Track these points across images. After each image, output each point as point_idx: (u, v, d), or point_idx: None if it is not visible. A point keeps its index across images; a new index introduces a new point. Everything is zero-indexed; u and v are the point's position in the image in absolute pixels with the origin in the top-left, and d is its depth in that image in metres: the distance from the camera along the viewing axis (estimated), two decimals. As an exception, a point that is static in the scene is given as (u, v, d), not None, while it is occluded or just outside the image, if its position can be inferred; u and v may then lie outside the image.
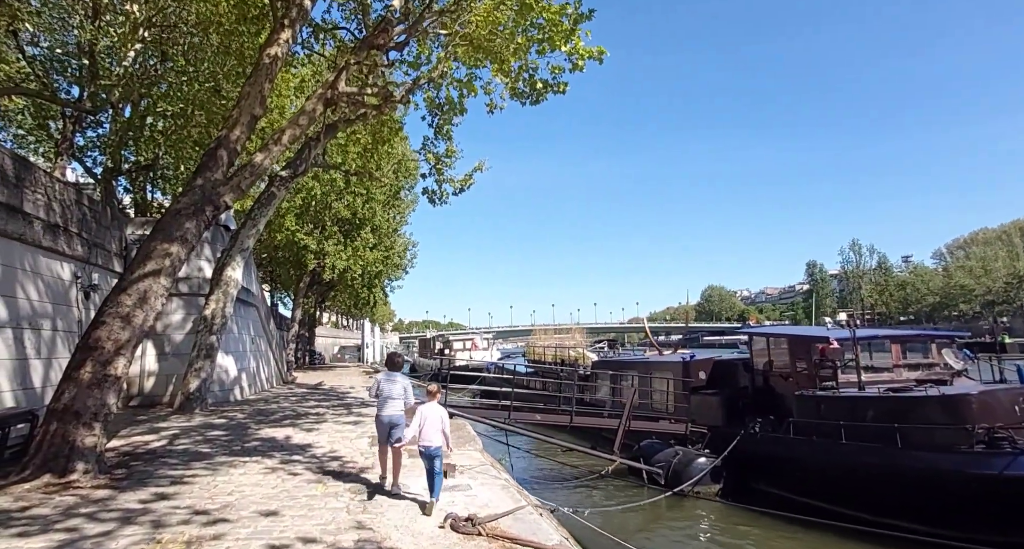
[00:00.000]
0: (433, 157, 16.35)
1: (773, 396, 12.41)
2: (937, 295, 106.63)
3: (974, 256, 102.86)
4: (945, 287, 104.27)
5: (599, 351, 27.91)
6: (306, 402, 15.54)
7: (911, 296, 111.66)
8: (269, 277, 42.30)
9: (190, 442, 9.09)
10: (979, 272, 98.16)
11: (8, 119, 21.11)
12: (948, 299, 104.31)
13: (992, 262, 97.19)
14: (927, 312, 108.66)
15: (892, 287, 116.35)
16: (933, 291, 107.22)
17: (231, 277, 13.32)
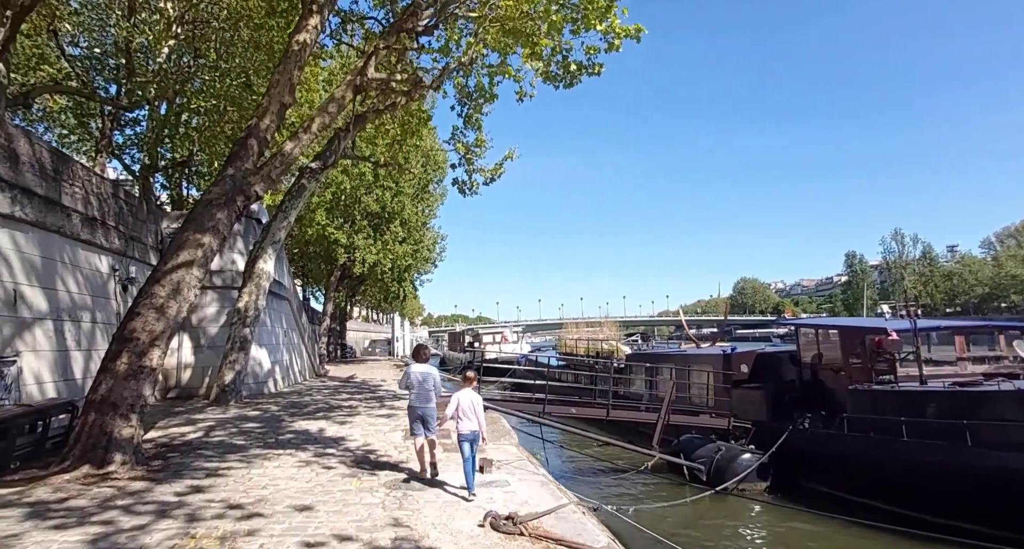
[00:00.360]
0: (463, 147, 16.09)
1: (823, 390, 11.81)
2: (986, 285, 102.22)
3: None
4: (995, 277, 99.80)
5: (632, 344, 27.38)
6: (339, 395, 15.54)
7: (958, 287, 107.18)
8: (301, 272, 42.89)
9: (225, 434, 9.06)
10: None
11: (52, 119, 21.76)
12: (998, 290, 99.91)
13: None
14: (975, 303, 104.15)
15: (938, 278, 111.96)
16: (982, 281, 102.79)
17: (263, 269, 13.33)
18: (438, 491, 6.21)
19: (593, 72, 10.61)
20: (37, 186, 8.56)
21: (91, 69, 19.12)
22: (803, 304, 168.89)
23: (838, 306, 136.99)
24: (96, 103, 18.48)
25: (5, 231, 7.97)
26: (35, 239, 8.58)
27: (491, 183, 16.68)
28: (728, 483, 10.60)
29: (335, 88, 9.42)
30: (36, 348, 8.48)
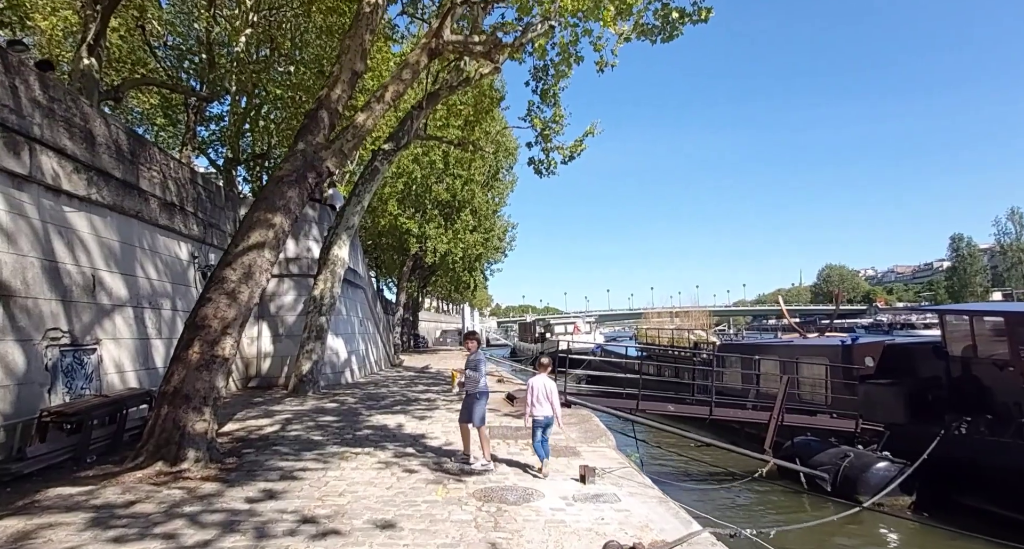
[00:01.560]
0: (540, 122, 14.98)
1: (980, 389, 9.84)
2: None
3: None
4: None
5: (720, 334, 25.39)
6: (415, 386, 15.02)
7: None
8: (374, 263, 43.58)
9: (302, 428, 8.56)
10: None
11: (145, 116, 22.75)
12: None
13: None
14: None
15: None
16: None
17: (338, 256, 12.90)
18: (537, 505, 5.25)
19: (699, 19, 9.17)
20: (114, 168, 8.32)
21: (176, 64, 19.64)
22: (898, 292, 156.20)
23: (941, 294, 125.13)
24: (180, 95, 18.90)
25: (83, 214, 7.74)
26: (113, 223, 8.36)
27: (569, 162, 15.52)
28: (877, 497, 8.99)
29: (410, 53, 8.59)
30: (116, 336, 8.28)
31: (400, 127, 14.17)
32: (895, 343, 12.22)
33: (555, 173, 15.80)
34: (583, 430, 8.84)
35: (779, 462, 10.26)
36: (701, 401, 11.52)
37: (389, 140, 13.95)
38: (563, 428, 9.01)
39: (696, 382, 12.31)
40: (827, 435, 11.37)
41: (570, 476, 6.31)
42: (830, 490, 9.98)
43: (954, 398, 10.15)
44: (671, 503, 5.72)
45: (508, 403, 11.45)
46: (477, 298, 77.21)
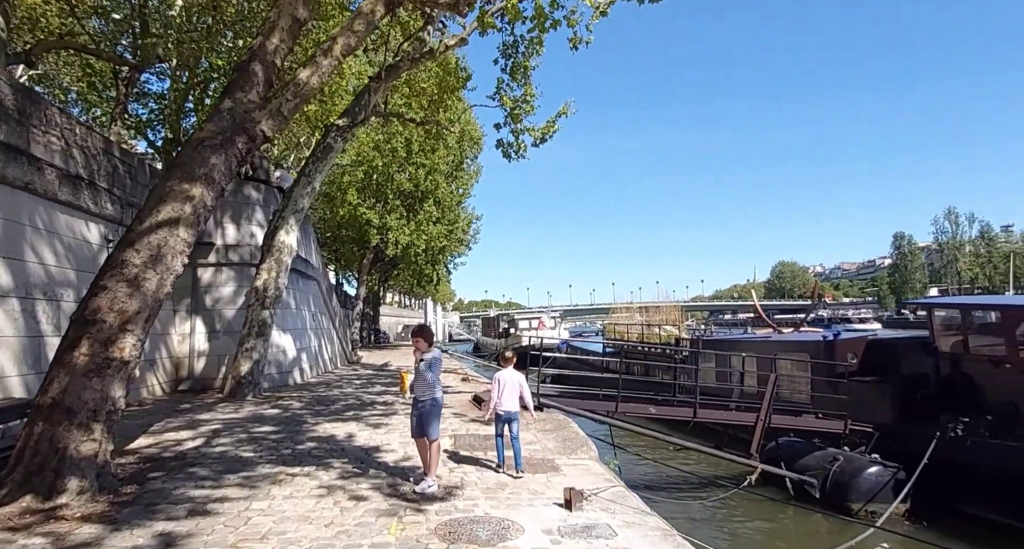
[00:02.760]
0: (509, 101, 13.88)
1: (973, 387, 9.34)
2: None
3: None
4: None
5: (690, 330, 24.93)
6: (372, 386, 13.74)
7: (1020, 269, 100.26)
8: (333, 255, 41.82)
9: (231, 442, 7.23)
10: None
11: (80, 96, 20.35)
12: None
13: None
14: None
15: (997, 258, 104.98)
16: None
17: (284, 243, 11.49)
18: (515, 545, 4.19)
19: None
20: (-8, 129, 6.76)
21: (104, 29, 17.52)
22: (844, 288, 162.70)
23: (884, 289, 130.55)
24: (106, 62, 16.87)
25: (-56, 183, 6.20)
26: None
27: (541, 144, 14.47)
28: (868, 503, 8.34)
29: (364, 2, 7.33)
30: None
31: (356, 102, 12.81)
32: (878, 338, 11.71)
33: (525, 157, 14.74)
34: (561, 438, 7.83)
35: (767, 468, 9.53)
36: (683, 402, 10.70)
37: (344, 115, 12.58)
38: (538, 437, 8.02)
39: (678, 382, 11.50)
40: (810, 435, 10.76)
41: (552, 500, 5.28)
42: (819, 496, 9.33)
43: (945, 397, 9.64)
44: (677, 537, 4.75)
45: (475, 406, 10.36)
46: (440, 292, 75.60)
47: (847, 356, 11.66)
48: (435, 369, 5.52)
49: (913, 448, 9.20)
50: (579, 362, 21.91)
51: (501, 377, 6.10)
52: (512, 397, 6.02)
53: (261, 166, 13.62)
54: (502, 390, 6.00)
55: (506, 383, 6.03)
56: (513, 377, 6.09)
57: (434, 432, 5.50)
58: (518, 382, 6.08)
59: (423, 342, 5.56)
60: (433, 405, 5.52)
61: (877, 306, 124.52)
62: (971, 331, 9.45)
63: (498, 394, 6.03)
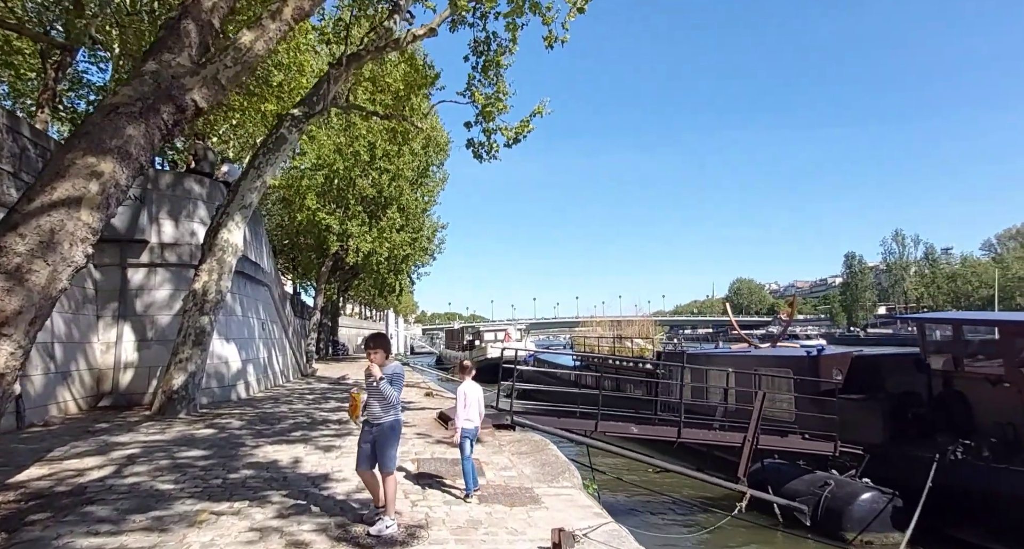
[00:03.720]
0: (481, 97, 13.09)
1: (966, 406, 8.92)
2: (991, 287, 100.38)
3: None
4: (1002, 279, 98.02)
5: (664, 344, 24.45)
6: (326, 402, 12.52)
7: (961, 289, 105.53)
8: (291, 264, 40.14)
9: (147, 471, 6.03)
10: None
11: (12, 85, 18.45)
12: (1004, 291, 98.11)
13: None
14: (979, 305, 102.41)
15: (940, 279, 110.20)
16: (987, 283, 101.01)
17: (228, 241, 10.28)
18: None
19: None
20: None
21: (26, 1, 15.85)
22: (798, 305, 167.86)
23: (836, 307, 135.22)
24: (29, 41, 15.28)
25: None
26: None
27: (514, 144, 13.71)
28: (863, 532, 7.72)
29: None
30: None
31: (315, 91, 11.77)
32: (864, 355, 11.29)
33: (497, 158, 13.96)
34: (539, 463, 6.92)
35: (756, 494, 8.84)
36: (665, 420, 9.95)
37: (300, 105, 11.52)
38: (514, 461, 7.09)
39: (659, 399, 10.78)
40: (796, 457, 10.18)
41: (536, 542, 4.38)
42: (809, 523, 8.69)
43: (938, 417, 9.20)
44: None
45: (442, 424, 9.34)
46: (402, 304, 73.81)
47: (832, 372, 11.20)
48: (397, 385, 4.60)
49: (906, 472, 8.70)
50: (548, 376, 21.08)
51: (466, 390, 5.65)
52: (477, 411, 5.66)
53: (206, 158, 12.37)
54: (468, 404, 5.59)
55: (470, 396, 5.62)
56: (476, 390, 5.69)
57: (391, 462, 4.54)
58: (480, 395, 5.72)
59: (380, 354, 4.58)
60: (392, 428, 4.59)
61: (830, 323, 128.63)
62: (965, 348, 9.06)
63: (464, 408, 5.58)
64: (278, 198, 31.18)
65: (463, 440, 5.56)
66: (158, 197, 11.44)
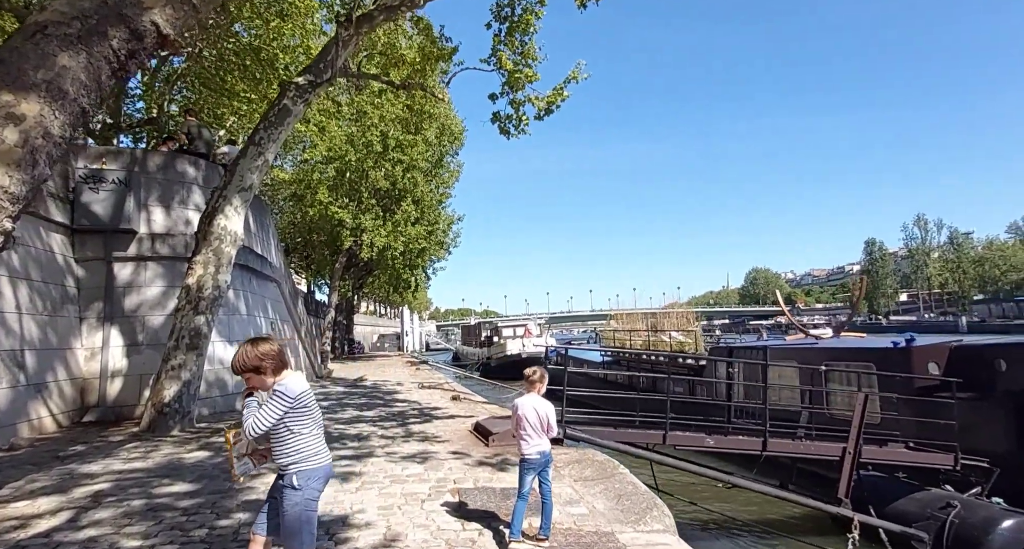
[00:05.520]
0: (509, 63, 11.56)
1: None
2: (1020, 271, 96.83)
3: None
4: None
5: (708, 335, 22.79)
6: (343, 411, 11.14)
7: (988, 273, 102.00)
8: (305, 262, 39.15)
9: (113, 518, 4.63)
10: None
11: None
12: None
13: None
14: (1008, 290, 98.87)
15: (966, 263, 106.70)
16: (1016, 267, 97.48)
17: (226, 229, 8.89)
18: None
19: None
20: None
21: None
22: (815, 293, 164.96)
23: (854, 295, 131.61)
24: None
25: None
26: None
27: (546, 116, 12.18)
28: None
29: None
30: None
31: (321, 57, 10.34)
32: (966, 345, 9.62)
33: (526, 132, 12.43)
34: (613, 494, 5.42)
35: (865, 519, 7.26)
36: (740, 429, 8.41)
37: (305, 72, 10.09)
38: (579, 490, 5.61)
39: (733, 403, 9.21)
40: (893, 470, 8.59)
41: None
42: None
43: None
44: None
45: (479, 439, 7.87)
46: (417, 300, 72.73)
47: (927, 367, 9.58)
48: (302, 416, 2.79)
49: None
50: (579, 375, 19.57)
51: (522, 406, 4.30)
52: (538, 435, 4.26)
53: (200, 136, 10.97)
54: (524, 425, 4.25)
55: (529, 415, 4.25)
56: (538, 407, 4.29)
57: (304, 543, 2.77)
58: (547, 413, 4.29)
59: (255, 377, 2.76)
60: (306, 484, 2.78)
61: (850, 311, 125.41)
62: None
63: (520, 432, 4.29)
64: (290, 194, 30.16)
65: (525, 473, 4.25)
66: (147, 181, 10.08)
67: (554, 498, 4.45)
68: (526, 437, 4.26)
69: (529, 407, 4.28)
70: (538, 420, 4.25)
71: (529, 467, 4.23)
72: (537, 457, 4.23)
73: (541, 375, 4.40)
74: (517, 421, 4.32)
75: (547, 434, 4.29)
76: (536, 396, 4.36)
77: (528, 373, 4.42)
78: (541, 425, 4.25)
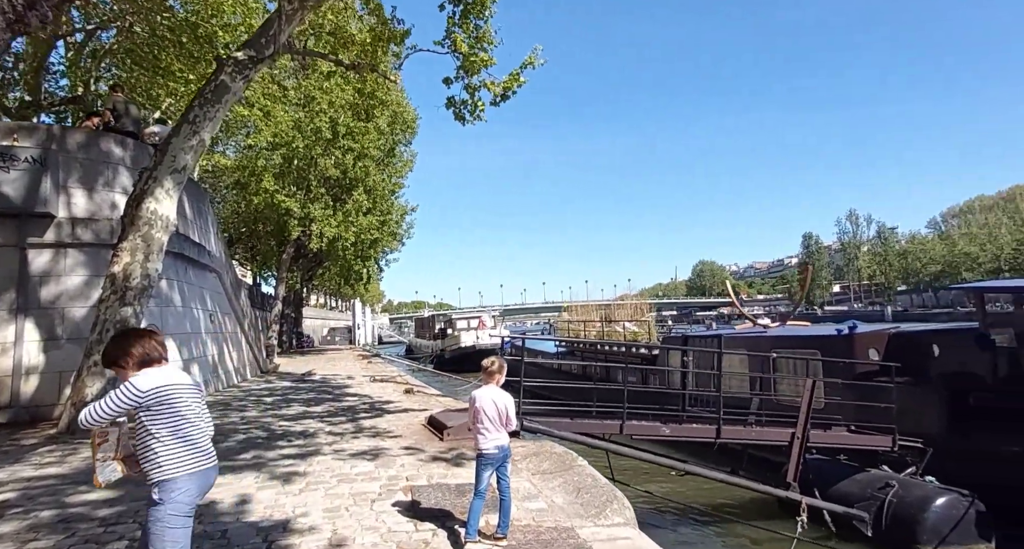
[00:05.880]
0: (464, 45, 11.20)
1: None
2: (939, 264, 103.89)
3: (975, 223, 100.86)
4: (948, 255, 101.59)
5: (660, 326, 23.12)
6: (288, 406, 10.62)
7: (911, 266, 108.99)
8: (250, 253, 37.57)
9: (16, 532, 4.10)
10: (984, 239, 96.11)
11: None
12: (951, 267, 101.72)
13: (996, 228, 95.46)
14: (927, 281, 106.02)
15: (892, 256, 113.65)
16: (935, 260, 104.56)
17: (156, 213, 8.20)
18: None
19: None
20: None
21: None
22: (757, 285, 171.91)
23: (794, 286, 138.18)
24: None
25: None
26: None
27: (501, 102, 11.91)
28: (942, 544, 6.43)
29: None
30: None
31: (263, 31, 9.67)
32: (903, 332, 10.05)
33: (482, 118, 12.10)
34: (572, 487, 5.28)
35: (814, 502, 7.45)
36: (695, 417, 8.48)
37: (245, 46, 9.43)
38: (536, 484, 5.44)
39: (687, 391, 9.28)
40: (834, 452, 8.88)
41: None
42: (871, 534, 7.37)
43: (1005, 403, 7.98)
44: None
45: (434, 433, 7.59)
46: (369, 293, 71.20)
47: (868, 353, 9.95)
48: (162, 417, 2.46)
49: (983, 468, 7.49)
50: (534, 366, 19.53)
51: (480, 398, 4.06)
52: (496, 428, 4.03)
53: (128, 113, 10.11)
54: (482, 418, 4.01)
55: (487, 407, 4.02)
56: (496, 399, 4.05)
57: None
58: (506, 405, 4.06)
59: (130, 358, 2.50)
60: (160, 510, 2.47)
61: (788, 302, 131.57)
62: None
63: (477, 425, 4.03)
64: (233, 182, 28.76)
65: (483, 469, 4.03)
66: (66, 161, 9.19)
67: (512, 493, 4.25)
68: (483, 431, 4.05)
69: (487, 399, 4.06)
70: (497, 413, 4.03)
71: (487, 463, 4.03)
72: (495, 452, 4.02)
73: (500, 366, 4.17)
74: (474, 414, 4.09)
75: (506, 427, 4.09)
76: (495, 388, 4.15)
77: (486, 364, 4.19)
78: (500, 418, 4.04)
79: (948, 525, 6.93)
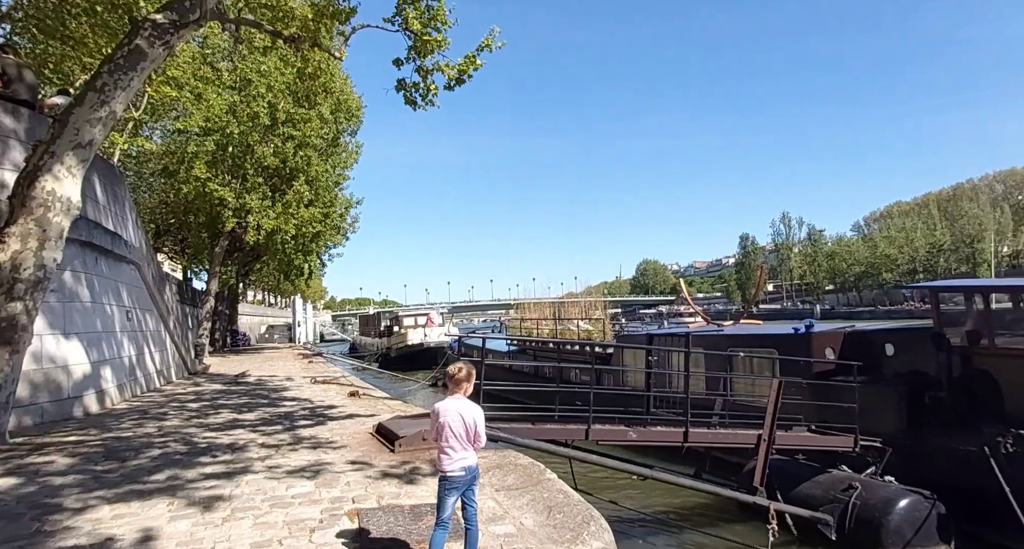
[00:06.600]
0: (417, 23, 10.41)
1: (996, 389, 7.82)
2: (862, 265, 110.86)
3: (894, 227, 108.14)
4: (870, 257, 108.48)
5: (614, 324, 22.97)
6: (216, 413, 9.54)
7: (838, 266, 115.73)
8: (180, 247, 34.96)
9: None
10: (901, 242, 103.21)
11: None
12: (872, 268, 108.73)
13: (912, 232, 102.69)
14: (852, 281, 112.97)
15: (821, 257, 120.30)
16: (859, 261, 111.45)
17: (55, 194, 7.02)
18: None
19: None
20: None
21: None
22: (696, 284, 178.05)
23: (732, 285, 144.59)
24: None
25: None
26: None
27: (456, 86, 11.17)
28: None
29: None
30: None
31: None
32: (859, 331, 10.11)
33: (434, 103, 11.30)
34: (543, 506, 4.71)
35: (782, 507, 7.23)
36: (658, 419, 8.13)
37: (166, 8, 8.29)
38: (503, 503, 4.84)
39: (652, 392, 8.90)
40: (793, 452, 8.78)
41: None
42: (835, 538, 7.24)
43: (960, 402, 8.07)
44: None
45: (383, 444, 6.81)
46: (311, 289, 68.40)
47: (825, 352, 9.94)
48: None
49: (936, 467, 7.50)
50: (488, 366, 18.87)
51: (444, 411, 3.46)
52: (465, 447, 3.44)
53: (21, 78, 8.71)
54: (446, 434, 3.42)
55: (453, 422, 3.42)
56: (464, 412, 3.46)
57: None
58: (476, 420, 3.48)
59: None
60: None
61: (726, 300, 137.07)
62: (995, 320, 7.96)
63: (442, 442, 3.44)
64: (159, 169, 26.51)
65: (447, 492, 3.43)
66: (-57, 130, 7.80)
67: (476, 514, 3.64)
68: (448, 450, 3.43)
69: (454, 412, 3.45)
70: (464, 429, 3.43)
71: (451, 487, 3.42)
72: (462, 474, 3.42)
73: (468, 373, 3.58)
74: (438, 430, 3.47)
75: (474, 445, 3.49)
76: (462, 399, 3.54)
77: (453, 371, 3.58)
78: (468, 435, 3.44)
79: (912, 528, 6.86)
